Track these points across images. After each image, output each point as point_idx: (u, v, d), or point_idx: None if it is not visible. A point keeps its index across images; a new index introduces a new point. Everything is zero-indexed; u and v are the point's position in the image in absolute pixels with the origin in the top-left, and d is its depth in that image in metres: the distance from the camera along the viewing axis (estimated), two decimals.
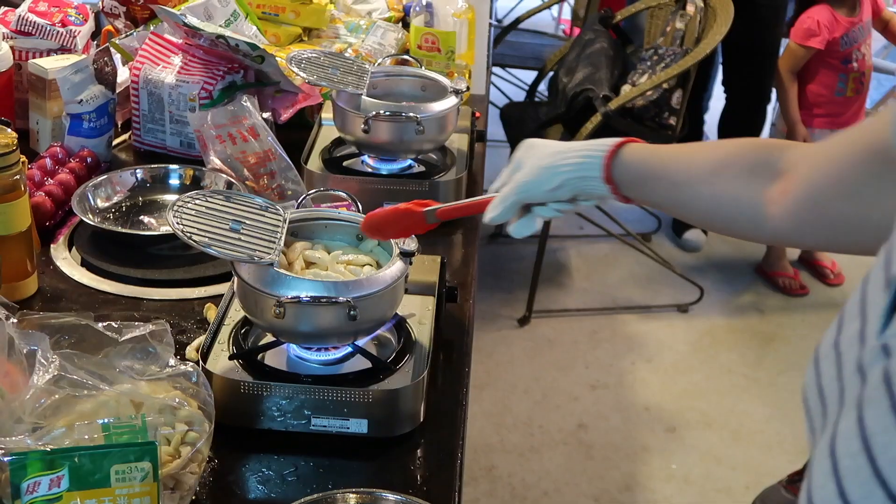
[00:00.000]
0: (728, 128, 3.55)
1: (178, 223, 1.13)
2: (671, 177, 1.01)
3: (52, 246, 1.54)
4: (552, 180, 1.05)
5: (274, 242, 1.17)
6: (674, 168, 1.01)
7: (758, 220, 0.95)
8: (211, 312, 1.36)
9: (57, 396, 0.95)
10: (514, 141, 3.23)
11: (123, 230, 1.56)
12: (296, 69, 1.68)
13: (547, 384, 2.90)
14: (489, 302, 3.21)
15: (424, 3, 2.15)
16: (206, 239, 1.12)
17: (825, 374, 0.63)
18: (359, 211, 1.32)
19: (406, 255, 1.22)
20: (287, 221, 1.22)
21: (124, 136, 1.92)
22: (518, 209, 1.09)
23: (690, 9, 3.01)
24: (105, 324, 1.05)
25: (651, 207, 1.09)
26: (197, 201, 1.18)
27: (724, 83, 3.55)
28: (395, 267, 1.20)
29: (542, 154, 1.07)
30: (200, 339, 1.28)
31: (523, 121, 3.26)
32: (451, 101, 1.71)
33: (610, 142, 1.05)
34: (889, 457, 0.52)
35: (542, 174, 1.06)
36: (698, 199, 1.00)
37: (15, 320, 0.99)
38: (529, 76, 3.94)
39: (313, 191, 1.35)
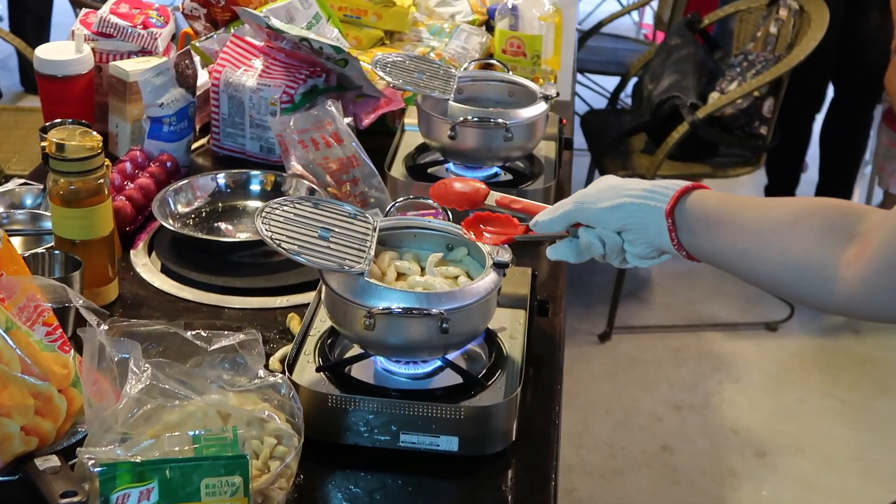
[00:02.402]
0: (833, 129, 3.39)
1: (266, 230, 1.08)
2: (741, 223, 0.98)
3: (131, 251, 1.51)
4: (613, 199, 1.04)
5: (364, 251, 1.11)
6: (745, 215, 0.98)
7: (829, 281, 0.90)
8: (294, 323, 1.31)
9: (148, 406, 0.91)
10: (595, 150, 3.15)
11: (204, 236, 1.52)
12: (381, 73, 1.63)
13: (629, 403, 2.80)
14: (568, 316, 3.12)
15: (509, 5, 2.09)
16: (296, 247, 1.07)
17: None
18: (448, 219, 1.26)
19: (500, 266, 1.15)
20: (377, 230, 1.17)
21: (202, 140, 1.89)
22: (567, 224, 1.08)
23: (783, 13, 2.89)
24: (194, 332, 1.01)
25: (702, 260, 1.02)
26: (285, 208, 1.13)
27: (832, 80, 3.35)
28: (488, 278, 1.14)
29: (614, 180, 1.07)
30: (285, 350, 1.23)
31: (605, 129, 3.18)
32: (540, 108, 1.65)
33: (684, 182, 1.04)
34: None
35: (606, 192, 1.05)
36: (766, 251, 0.95)
37: (105, 327, 0.95)
38: (609, 82, 3.85)
39: (402, 199, 1.29)
